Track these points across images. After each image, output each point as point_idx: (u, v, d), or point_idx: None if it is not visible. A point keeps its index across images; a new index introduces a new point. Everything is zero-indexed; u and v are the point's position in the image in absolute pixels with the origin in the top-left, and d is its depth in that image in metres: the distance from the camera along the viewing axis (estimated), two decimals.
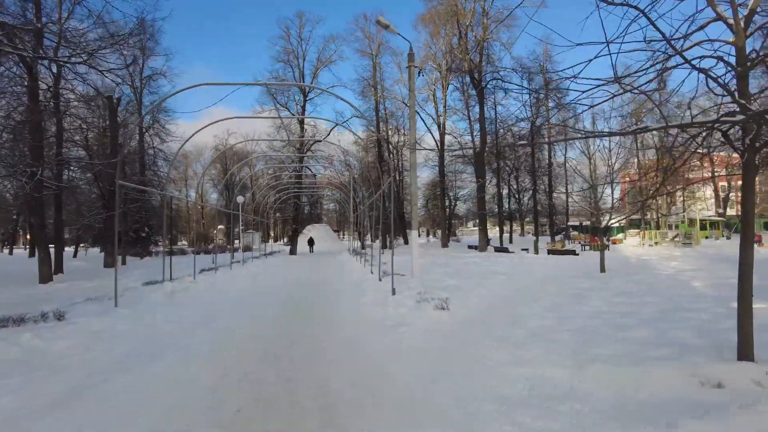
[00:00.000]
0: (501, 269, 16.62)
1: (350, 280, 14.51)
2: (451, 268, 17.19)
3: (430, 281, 12.56)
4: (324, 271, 19.64)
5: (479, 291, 10.88)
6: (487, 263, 19.08)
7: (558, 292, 10.60)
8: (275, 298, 11.29)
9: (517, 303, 9.50)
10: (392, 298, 9.87)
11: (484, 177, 31.35)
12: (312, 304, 10.27)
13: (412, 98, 14.58)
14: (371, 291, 11.26)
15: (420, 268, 14.60)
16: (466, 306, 9.08)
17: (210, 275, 16.80)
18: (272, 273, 19.38)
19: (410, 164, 14.60)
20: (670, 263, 17.60)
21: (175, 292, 11.68)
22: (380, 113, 41.18)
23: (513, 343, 6.08)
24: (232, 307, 10.24)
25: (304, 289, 13.06)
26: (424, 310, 8.45)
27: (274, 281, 15.82)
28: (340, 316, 8.56)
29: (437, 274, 14.68)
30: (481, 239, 31.34)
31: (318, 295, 11.87)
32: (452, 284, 12.12)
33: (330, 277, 16.57)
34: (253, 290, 13.27)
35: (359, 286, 12.63)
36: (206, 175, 72.58)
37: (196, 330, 7.70)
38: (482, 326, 7.38)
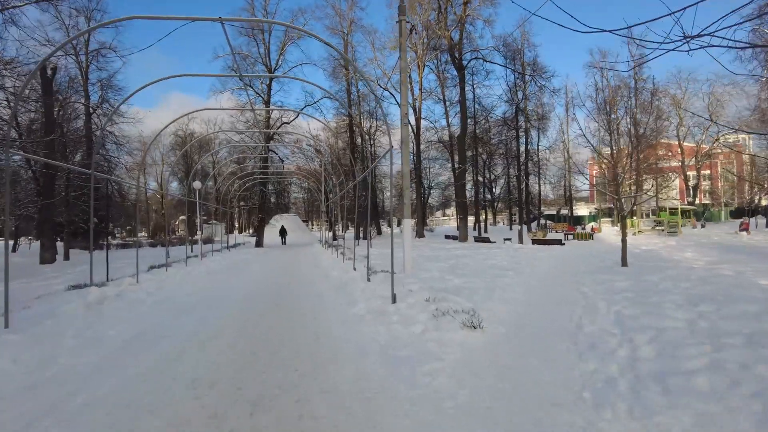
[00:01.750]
0: (499, 263, 14.33)
1: (331, 280, 11.86)
2: (443, 262, 14.78)
3: (430, 281, 10.08)
4: (296, 268, 16.88)
5: (499, 295, 8.46)
6: (479, 256, 16.77)
7: (596, 294, 8.31)
8: (236, 310, 8.55)
9: (561, 312, 7.13)
10: (394, 308, 7.33)
11: (465, 162, 29.13)
12: (286, 319, 7.61)
13: (403, 59, 11.98)
14: (362, 296, 8.68)
15: (413, 264, 12.12)
16: (499, 319, 6.63)
17: (159, 274, 13.84)
18: (235, 270, 16.49)
19: (401, 139, 12.03)
20: (683, 254, 15.72)
21: (103, 301, 8.76)
22: (352, 96, 38.34)
23: (630, 400, 3.67)
24: (174, 324, 7.46)
25: (273, 295, 10.33)
26: (448, 328, 5.95)
27: (236, 282, 13.00)
28: (329, 343, 5.94)
29: (433, 270, 12.22)
30: (461, 229, 29.15)
31: (293, 303, 9.18)
32: (458, 285, 9.67)
33: (305, 276, 13.86)
34: (209, 296, 10.45)
35: (344, 289, 10.02)
36: (166, 163, 68.06)
37: (106, 375, 4.95)
38: (548, 359, 4.94)
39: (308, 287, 11.10)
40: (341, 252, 19.45)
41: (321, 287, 10.93)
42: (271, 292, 10.44)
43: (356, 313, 7.55)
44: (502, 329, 6.16)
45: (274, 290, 10.80)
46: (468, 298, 7.87)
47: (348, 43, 37.84)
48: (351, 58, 37.82)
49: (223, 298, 9.82)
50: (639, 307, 6.69)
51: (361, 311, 7.63)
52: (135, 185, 32.78)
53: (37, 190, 21.92)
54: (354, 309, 7.85)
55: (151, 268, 15.71)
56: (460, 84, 28.90)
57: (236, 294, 10.40)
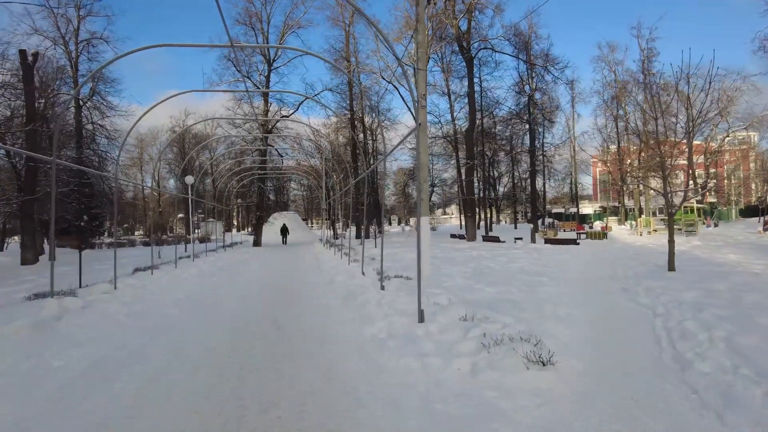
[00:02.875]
0: (525, 266, 12.69)
1: (337, 287, 10.19)
2: (462, 265, 13.14)
3: (456, 290, 8.43)
4: (297, 270, 15.20)
5: (550, 311, 6.81)
6: (500, 258, 15.12)
7: (665, 308, 6.67)
8: (223, 330, 6.88)
9: (638, 336, 5.49)
10: (423, 330, 5.67)
11: (474, 158, 27.45)
12: (286, 344, 5.95)
13: (421, 31, 10.31)
14: (378, 311, 7.02)
15: (430, 268, 10.46)
16: (568, 348, 4.97)
17: (143, 278, 12.16)
18: (229, 273, 14.81)
19: (419, 124, 10.34)
20: (724, 256, 14.06)
21: (62, 316, 7.09)
22: (354, 89, 36.59)
23: None
24: (141, 353, 5.79)
25: (270, 306, 8.66)
26: (508, 366, 4.28)
27: (228, 289, 11.32)
28: (345, 389, 4.27)
29: (455, 276, 10.57)
30: (469, 227, 27.49)
31: (293, 319, 7.51)
32: (493, 295, 8.03)
33: (307, 281, 12.17)
34: (194, 309, 8.77)
35: (354, 299, 8.34)
36: (163, 160, 66.28)
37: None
38: (674, 424, 3.30)
39: (311, 296, 9.42)
40: (345, 252, 17.80)
41: (326, 296, 9.25)
42: (267, 303, 8.76)
43: (374, 336, 5.89)
44: (579, 365, 4.50)
45: (271, 300, 9.12)
46: (514, 315, 6.23)
47: (350, 34, 36.13)
48: (353, 49, 36.14)
49: (210, 312, 8.14)
50: (751, 333, 5.03)
51: (381, 333, 5.97)
52: (127, 182, 31.16)
53: (18, 185, 20.17)
54: (371, 329, 6.19)
55: (136, 270, 14.04)
56: (468, 75, 27.22)
57: (226, 305, 8.72)
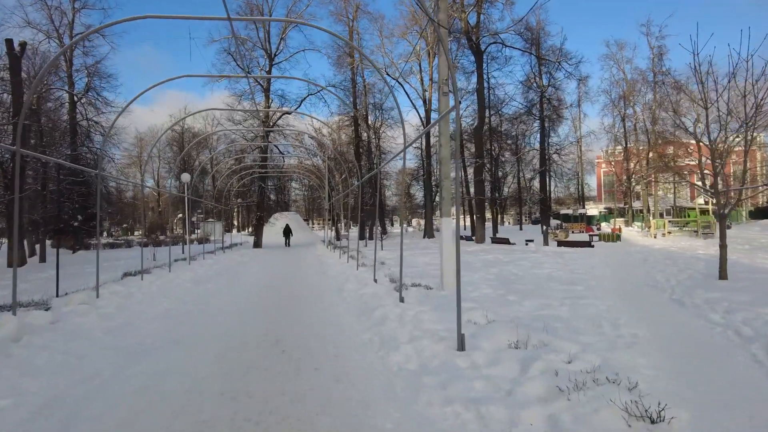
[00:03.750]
0: (552, 273, 11.47)
1: (348, 297, 8.92)
2: (483, 271, 11.89)
3: (488, 303, 7.21)
4: (300, 275, 13.96)
5: (612, 332, 5.56)
6: (523, 262, 13.88)
7: (754, 331, 5.44)
8: (214, 356, 5.65)
9: (740, 371, 4.26)
10: (467, 362, 4.43)
11: (483, 156, 26.23)
12: (291, 380, 4.71)
13: (444, 9, 9.10)
14: (403, 331, 5.78)
15: (452, 275, 9.18)
16: (669, 394, 3.73)
17: (130, 284, 10.91)
18: (227, 278, 13.57)
19: (439, 108, 9.13)
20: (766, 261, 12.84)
21: (21, 337, 5.81)
22: (358, 86, 35.43)
23: None
24: (107, 389, 4.56)
25: (271, 323, 7.42)
26: (601, 423, 3.05)
27: (224, 298, 10.07)
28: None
29: (481, 285, 9.33)
30: (478, 229, 26.25)
31: (299, 340, 6.27)
32: (533, 311, 6.81)
33: (312, 288, 10.92)
34: (183, 324, 7.55)
35: (370, 314, 7.09)
36: (162, 159, 65.07)
37: None
38: None
39: (319, 308, 8.18)
40: (351, 255, 16.58)
41: (336, 309, 8.01)
42: (268, 317, 7.52)
43: (403, 368, 4.65)
44: (696, 421, 3.26)
45: (272, 313, 7.88)
46: (574, 339, 5.00)
47: (353, 30, 34.97)
48: (357, 45, 34.96)
49: (202, 328, 6.90)
50: None
51: (410, 363, 4.73)
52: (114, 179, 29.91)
53: (5, 182, 18.93)
54: (396, 356, 4.95)
55: (126, 275, 12.81)
56: (478, 70, 26.00)
57: (221, 319, 7.48)
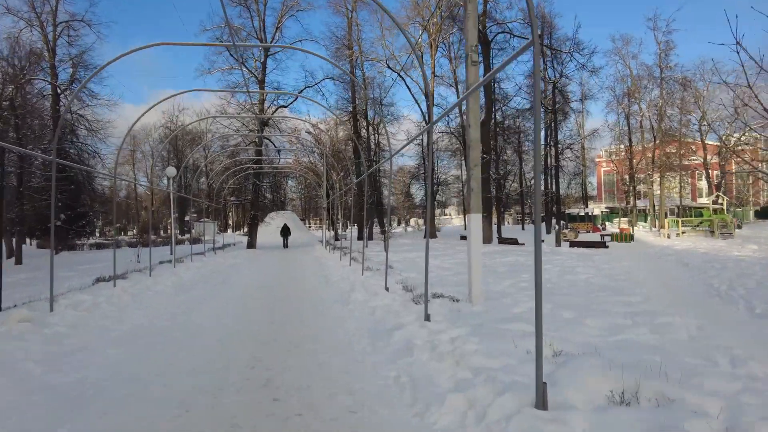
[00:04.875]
0: (588, 278, 9.90)
1: (357, 311, 7.23)
2: (510, 276, 10.29)
3: (533, 321, 5.59)
4: (298, 282, 12.28)
5: (728, 369, 3.97)
6: (547, 266, 12.26)
7: None
8: (187, 403, 4.01)
9: None
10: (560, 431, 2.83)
11: (490, 152, 24.66)
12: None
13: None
14: (438, 366, 4.17)
15: (480, 282, 7.54)
16: None
17: (100, 293, 9.20)
18: (214, 285, 11.88)
19: (467, 81, 7.53)
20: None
21: None
22: (357, 80, 33.74)
23: None
24: None
25: (263, 346, 5.78)
26: None
27: (208, 311, 8.39)
28: None
29: (515, 297, 7.70)
30: (484, 229, 24.65)
31: (300, 378, 4.62)
32: (601, 332, 5.20)
33: (313, 299, 9.25)
34: (152, 350, 5.89)
35: (388, 337, 5.45)
36: (156, 157, 63.10)
37: None
38: None
39: (321, 328, 6.53)
40: (353, 258, 14.96)
41: (344, 328, 6.35)
42: (257, 342, 5.86)
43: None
44: None
45: (263, 335, 6.22)
46: (693, 383, 3.40)
47: (353, 21, 33.30)
48: (356, 37, 33.34)
49: (170, 357, 5.24)
50: None
51: (470, 429, 3.11)
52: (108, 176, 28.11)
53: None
54: (442, 417, 3.32)
55: (98, 281, 11.14)
56: (484, 61, 24.42)
57: (199, 344, 5.82)
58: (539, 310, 3.37)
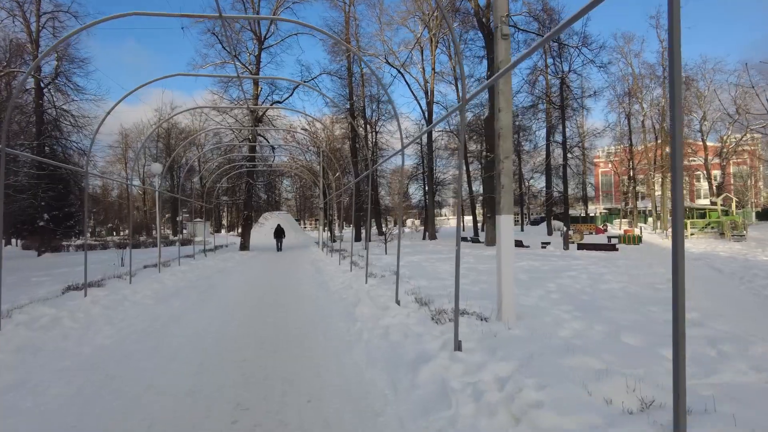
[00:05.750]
0: (623, 286, 8.73)
1: (366, 331, 5.94)
2: (538, 286, 9.08)
3: (598, 352, 4.38)
4: (294, 290, 11.01)
5: None
6: (570, 272, 11.10)
7: None
8: None
9: None
10: None
11: (495, 149, 23.45)
12: None
13: None
14: (489, 423, 2.97)
15: (513, 296, 6.32)
16: None
17: (65, 305, 7.91)
18: (200, 293, 10.60)
19: (496, 57, 6.31)
20: None
21: None
22: (354, 75, 32.54)
23: None
24: None
25: (249, 389, 4.55)
26: None
27: (188, 329, 7.13)
28: None
29: (556, 313, 6.50)
30: (489, 230, 23.51)
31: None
32: (687, 371, 3.99)
33: (313, 313, 7.99)
34: (114, 384, 4.65)
35: (412, 372, 4.22)
36: (149, 156, 61.48)
37: None
38: None
39: (324, 355, 5.28)
40: (353, 262, 13.73)
41: (354, 358, 5.08)
42: (245, 380, 4.62)
43: None
44: None
45: (252, 369, 4.98)
46: None
47: (350, 16, 32.09)
48: (353, 32, 32.12)
49: (128, 399, 3.98)
50: None
51: None
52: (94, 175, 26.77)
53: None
54: None
55: (69, 289, 9.83)
56: (489, 55, 23.28)
57: (170, 381, 4.56)
58: (679, 363, 2.17)
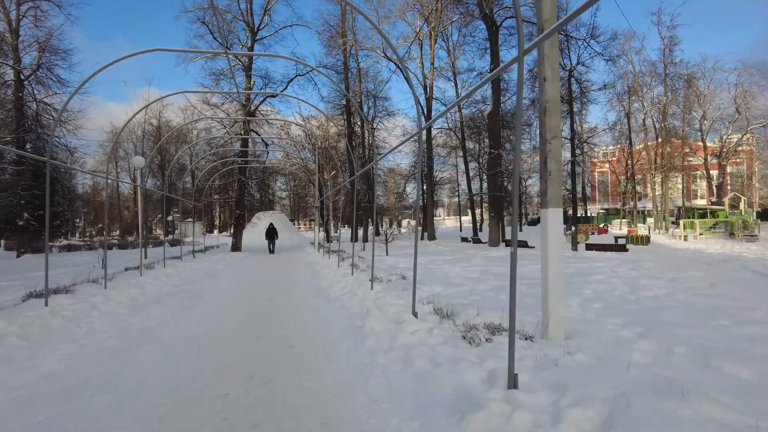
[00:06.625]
0: (667, 292, 7.59)
1: (382, 356, 4.72)
2: (573, 292, 7.93)
3: (696, 389, 3.20)
4: (290, 297, 9.74)
5: None
6: (596, 276, 9.99)
7: None
8: None
9: None
10: None
11: (500, 146, 22.37)
12: None
13: None
14: None
15: (562, 309, 5.12)
16: None
17: (19, 317, 6.64)
18: (182, 301, 9.31)
19: (539, 15, 5.06)
20: None
21: None
22: (351, 70, 31.31)
23: None
24: None
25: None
26: None
27: (165, 348, 5.88)
28: None
29: (613, 330, 5.31)
30: (492, 230, 22.36)
31: None
32: None
33: (313, 329, 6.72)
34: None
35: (455, 427, 3.06)
36: (139, 154, 59.81)
37: None
38: None
39: (332, 394, 4.07)
40: (353, 263, 12.51)
41: (371, 395, 3.86)
42: (224, 430, 3.40)
43: None
44: None
45: (236, 416, 3.76)
46: None
47: (346, 8, 30.82)
48: (350, 25, 30.89)
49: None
50: None
51: None
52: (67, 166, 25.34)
53: None
54: None
55: (30, 296, 8.52)
56: (492, 47, 22.12)
57: (128, 426, 3.32)
58: None
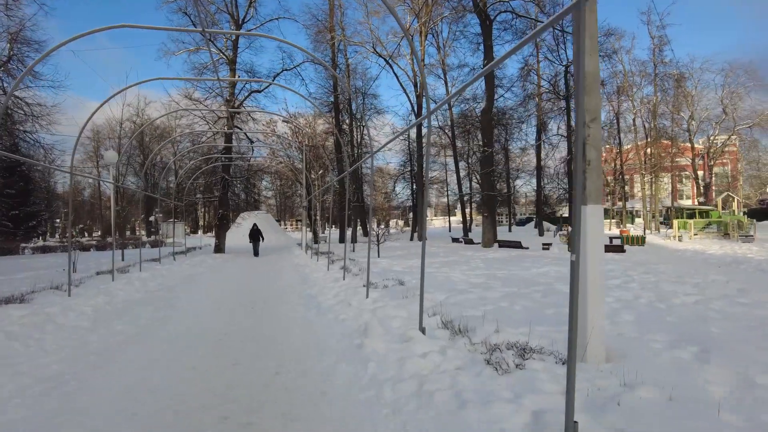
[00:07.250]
0: (700, 298, 6.82)
1: (388, 391, 3.81)
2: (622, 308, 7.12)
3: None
4: (277, 307, 8.73)
5: None
6: (614, 281, 9.16)
7: None
8: None
9: None
10: None
11: (493, 144, 21.63)
12: None
13: None
14: None
15: (603, 327, 4.26)
16: None
17: None
18: (156, 310, 8.26)
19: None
20: None
21: None
22: (339, 65, 30.33)
23: None
24: None
25: None
26: None
27: (107, 387, 4.88)
28: None
29: (654, 348, 4.47)
30: (486, 231, 21.59)
31: None
32: None
33: (305, 358, 5.79)
34: None
35: None
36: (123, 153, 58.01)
37: None
38: None
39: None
40: (344, 267, 11.57)
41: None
42: None
43: None
44: None
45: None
46: None
47: (335, 3, 29.86)
48: (338, 20, 29.92)
49: None
50: None
51: None
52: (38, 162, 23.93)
53: None
54: None
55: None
56: (485, 42, 21.36)
57: None
58: None
